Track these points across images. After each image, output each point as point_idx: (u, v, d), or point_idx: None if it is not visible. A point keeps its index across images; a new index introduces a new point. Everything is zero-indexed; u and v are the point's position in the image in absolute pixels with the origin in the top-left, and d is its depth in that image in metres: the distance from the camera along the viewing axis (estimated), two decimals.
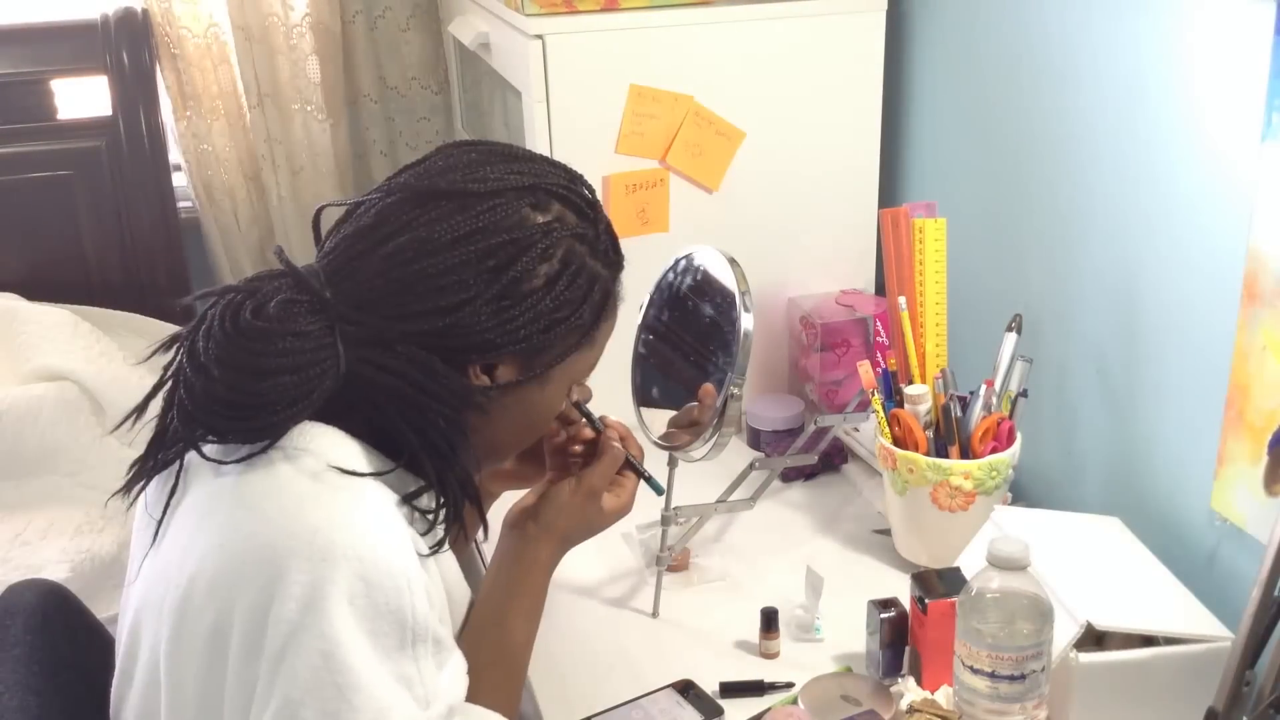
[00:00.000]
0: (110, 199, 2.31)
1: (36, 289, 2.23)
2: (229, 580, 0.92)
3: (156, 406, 1.01)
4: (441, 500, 1.03)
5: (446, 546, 1.06)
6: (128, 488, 1.03)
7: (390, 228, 1.00)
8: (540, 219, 1.03)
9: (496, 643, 1.13)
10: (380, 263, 0.99)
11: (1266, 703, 1.03)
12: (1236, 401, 1.23)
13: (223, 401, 0.94)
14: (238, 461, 0.96)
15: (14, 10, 2.36)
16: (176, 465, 1.01)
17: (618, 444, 1.23)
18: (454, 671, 0.99)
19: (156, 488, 1.03)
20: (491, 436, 1.08)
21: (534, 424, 1.15)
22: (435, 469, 1.02)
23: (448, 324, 0.99)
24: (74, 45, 2.29)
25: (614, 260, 1.10)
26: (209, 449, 0.97)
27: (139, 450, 1.03)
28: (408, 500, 1.00)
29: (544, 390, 1.09)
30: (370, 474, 0.98)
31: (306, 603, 0.89)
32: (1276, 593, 1.02)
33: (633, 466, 1.25)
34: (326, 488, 0.95)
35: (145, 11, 2.28)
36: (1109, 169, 1.42)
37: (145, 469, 1.02)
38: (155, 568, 1.01)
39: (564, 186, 1.06)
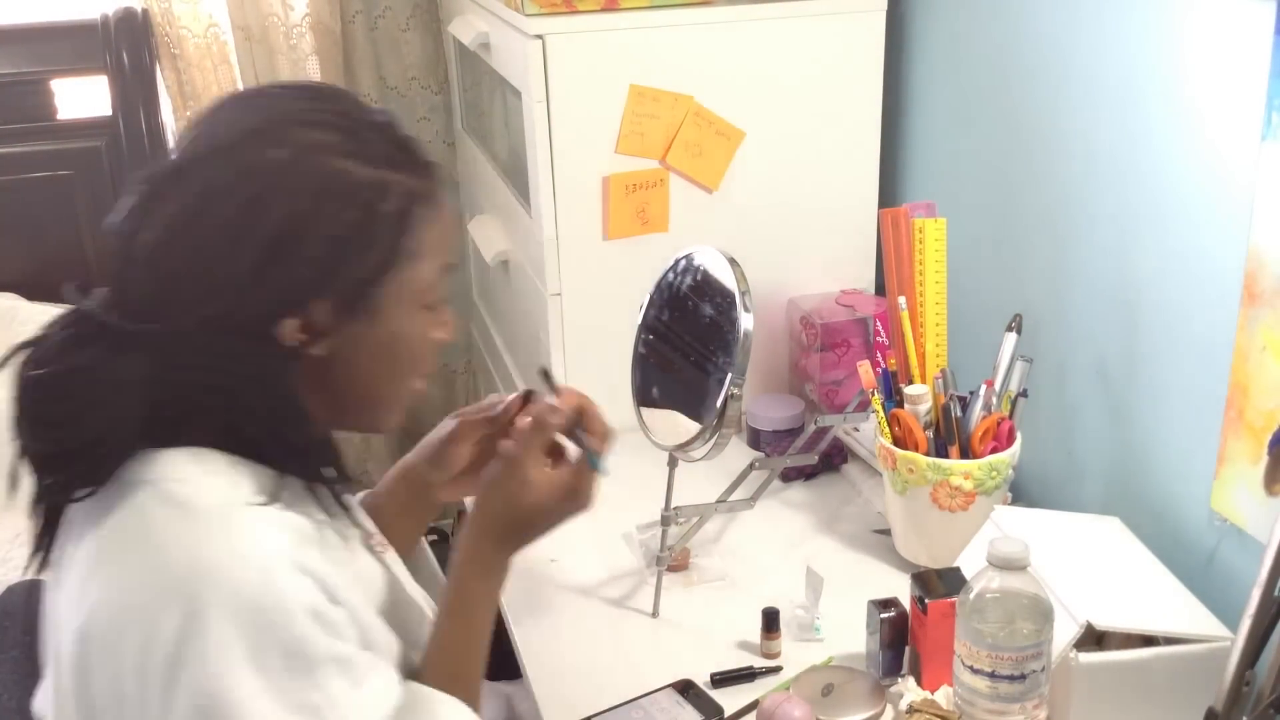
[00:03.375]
0: (110, 199, 2.27)
1: (36, 289, 2.23)
2: (111, 638, 0.88)
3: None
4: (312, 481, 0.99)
5: (372, 539, 1.07)
6: (40, 561, 0.99)
7: (135, 226, 0.95)
8: (272, 155, 0.93)
9: (453, 650, 1.08)
10: (142, 269, 0.94)
11: (1266, 703, 1.02)
12: (1236, 401, 1.23)
13: (41, 457, 0.92)
14: (88, 498, 0.93)
15: (14, 10, 2.36)
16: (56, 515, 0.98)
17: (544, 416, 1.11)
18: (379, 684, 0.95)
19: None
20: (359, 386, 1.01)
21: (404, 356, 1.02)
22: (280, 450, 0.97)
23: (226, 303, 0.92)
24: (74, 45, 2.30)
25: (401, 159, 0.98)
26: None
27: None
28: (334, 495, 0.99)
29: (386, 320, 0.98)
30: (247, 499, 0.93)
31: (177, 657, 0.85)
32: (1276, 593, 1.02)
33: (574, 439, 1.13)
34: (192, 521, 0.90)
35: (145, 11, 2.28)
36: (1109, 169, 1.42)
37: (43, 541, 0.99)
38: (54, 617, 0.98)
39: (305, 110, 0.97)
